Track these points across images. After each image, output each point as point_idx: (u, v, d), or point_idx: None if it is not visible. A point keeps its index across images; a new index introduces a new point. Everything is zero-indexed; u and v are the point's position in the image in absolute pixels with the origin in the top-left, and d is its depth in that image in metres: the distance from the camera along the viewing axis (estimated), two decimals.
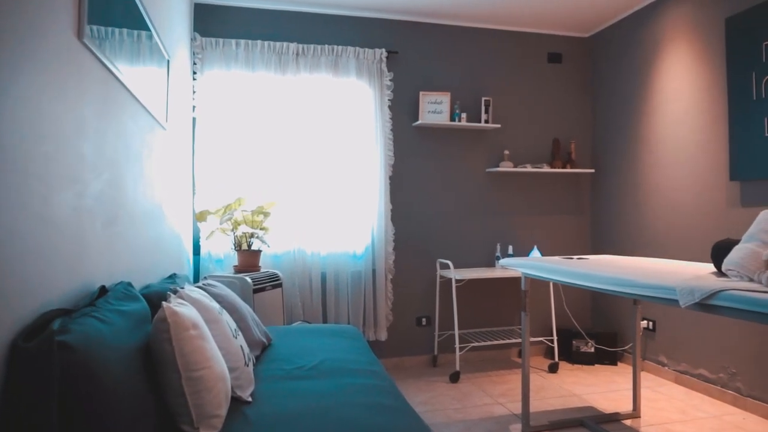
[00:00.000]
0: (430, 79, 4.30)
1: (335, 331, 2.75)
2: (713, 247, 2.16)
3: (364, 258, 4.05)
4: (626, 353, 4.24)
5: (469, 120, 4.33)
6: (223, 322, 1.71)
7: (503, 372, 4.04)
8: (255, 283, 3.19)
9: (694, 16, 3.59)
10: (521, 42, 4.52)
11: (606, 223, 4.49)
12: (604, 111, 4.53)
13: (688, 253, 3.64)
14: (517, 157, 4.50)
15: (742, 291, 1.67)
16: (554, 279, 2.61)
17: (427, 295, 4.28)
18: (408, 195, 4.24)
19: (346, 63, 4.03)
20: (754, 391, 3.17)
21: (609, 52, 4.44)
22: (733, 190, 3.32)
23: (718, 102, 3.41)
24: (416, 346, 4.24)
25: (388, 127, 4.12)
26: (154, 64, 2.45)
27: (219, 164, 3.78)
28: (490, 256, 4.42)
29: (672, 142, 3.79)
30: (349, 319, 3.99)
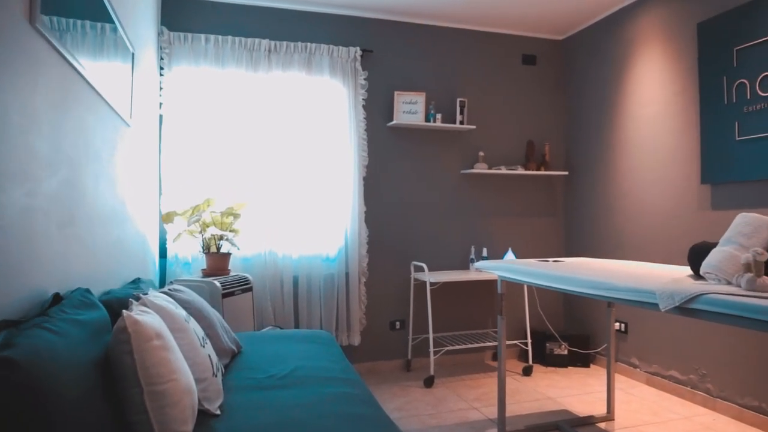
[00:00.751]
0: (405, 79, 4.24)
1: (308, 337, 2.66)
2: (690, 250, 2.15)
3: (337, 261, 3.96)
4: (599, 355, 4.26)
5: (444, 121, 4.29)
6: (190, 330, 1.61)
7: (477, 376, 4.00)
8: (224, 288, 3.08)
9: (666, 20, 3.63)
10: (496, 43, 4.51)
11: (579, 225, 4.51)
12: (577, 114, 4.55)
13: (660, 255, 3.67)
14: (491, 159, 4.48)
15: (722, 295, 1.65)
16: (532, 282, 2.58)
17: (401, 299, 4.22)
18: (382, 196, 4.18)
19: (320, 61, 3.94)
20: (724, 392, 3.21)
21: (583, 55, 4.46)
22: (704, 194, 3.35)
23: (690, 106, 3.44)
24: (390, 350, 4.17)
25: (362, 127, 4.05)
26: (118, 58, 2.32)
27: (187, 164, 3.64)
28: (465, 259, 4.38)
29: (644, 145, 3.82)
30: (321, 324, 3.90)
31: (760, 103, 2.97)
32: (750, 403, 3.06)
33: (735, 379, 3.15)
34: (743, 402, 3.10)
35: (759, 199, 3.01)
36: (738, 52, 3.09)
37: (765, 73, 2.93)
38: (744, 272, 1.79)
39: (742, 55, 3.06)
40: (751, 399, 3.05)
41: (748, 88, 3.02)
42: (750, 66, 3.02)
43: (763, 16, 2.94)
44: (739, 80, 3.08)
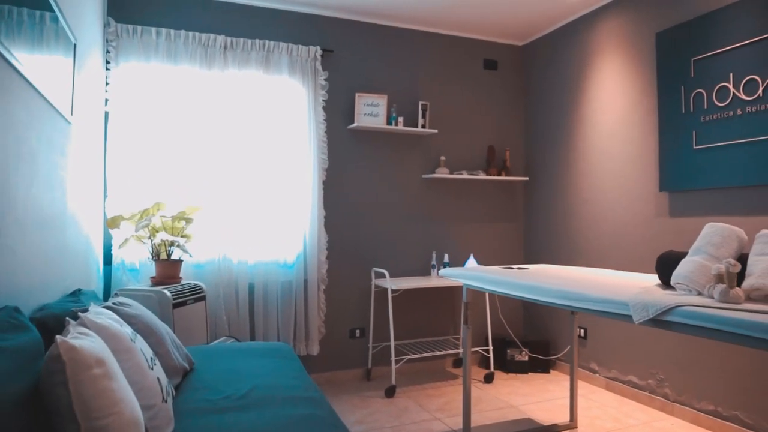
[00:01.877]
0: (367, 81, 4.14)
1: (266, 350, 2.51)
2: (658, 259, 2.14)
3: (296, 267, 3.81)
4: (559, 361, 4.27)
5: (406, 124, 4.22)
6: (136, 350, 1.45)
7: (439, 384, 3.93)
8: (175, 297, 2.89)
9: (625, 29, 3.67)
10: (458, 47, 4.47)
11: (539, 231, 4.52)
12: (537, 119, 4.56)
13: (619, 262, 3.70)
14: (453, 164, 4.43)
15: (697, 307, 1.62)
16: (500, 292, 2.52)
17: (362, 306, 4.11)
18: (343, 201, 4.05)
19: (278, 60, 3.79)
20: (681, 397, 3.25)
21: (543, 61, 4.48)
22: (662, 201, 3.40)
23: (649, 114, 3.49)
24: (350, 359, 4.05)
25: (322, 129, 3.92)
26: (59, 50, 2.12)
27: (135, 165, 3.41)
28: (426, 264, 4.32)
29: (604, 152, 3.85)
30: (278, 333, 3.74)
31: (716, 113, 3.02)
32: (706, 408, 3.11)
33: (692, 384, 3.19)
34: (700, 406, 3.14)
35: (716, 206, 3.06)
36: (695, 63, 3.14)
37: (721, 83, 2.99)
38: (716, 283, 1.77)
39: (700, 65, 3.11)
40: (707, 403, 3.10)
41: (706, 98, 3.08)
42: (707, 77, 3.07)
43: (720, 29, 3.00)
44: (697, 90, 3.13)
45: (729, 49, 2.95)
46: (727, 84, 2.95)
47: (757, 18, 2.81)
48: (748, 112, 2.86)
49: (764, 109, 2.78)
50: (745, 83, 2.87)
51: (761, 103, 2.80)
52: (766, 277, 1.69)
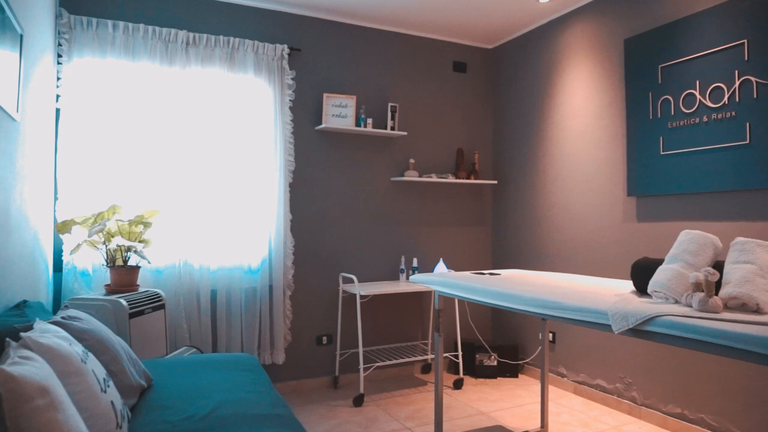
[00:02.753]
0: (335, 81, 4.04)
1: (230, 362, 2.38)
2: (633, 266, 2.12)
3: (260, 272, 3.68)
4: (527, 365, 4.26)
5: (375, 126, 4.14)
6: (87, 372, 1.32)
7: (408, 391, 3.86)
8: (132, 306, 2.72)
9: (594, 34, 3.69)
10: (428, 49, 4.42)
11: (507, 235, 4.51)
12: (506, 123, 4.55)
13: (587, 266, 3.72)
14: (422, 167, 4.38)
15: (678, 317, 1.60)
16: (473, 299, 2.46)
17: (329, 312, 4.00)
18: (310, 204, 3.94)
19: (243, 57, 3.65)
20: (648, 400, 3.28)
21: (512, 65, 4.47)
22: (630, 206, 3.42)
23: (618, 119, 3.51)
24: (316, 367, 3.94)
25: (288, 129, 3.79)
26: (3, 40, 1.95)
27: (89, 166, 3.22)
28: (395, 269, 4.24)
29: (572, 156, 3.86)
30: (242, 342, 3.60)
31: (683, 119, 3.05)
32: (673, 411, 3.13)
33: (658, 387, 3.22)
34: (667, 409, 3.17)
35: (682, 212, 3.09)
36: (663, 69, 3.17)
37: (688, 91, 3.02)
38: (693, 291, 1.76)
39: (667, 72, 3.15)
40: (674, 406, 3.13)
41: (673, 105, 3.11)
42: (674, 83, 3.10)
43: (686, 37, 3.03)
44: (664, 96, 3.16)
45: (695, 57, 2.98)
46: (694, 91, 2.99)
47: (723, 27, 2.85)
48: (713, 119, 2.90)
49: (729, 116, 2.82)
50: (711, 91, 2.91)
51: (726, 111, 2.84)
52: (743, 285, 1.68)
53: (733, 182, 2.81)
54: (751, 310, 1.68)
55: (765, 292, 1.66)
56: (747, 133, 2.74)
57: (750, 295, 1.65)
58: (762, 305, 1.65)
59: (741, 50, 2.77)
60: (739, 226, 2.82)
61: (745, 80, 2.75)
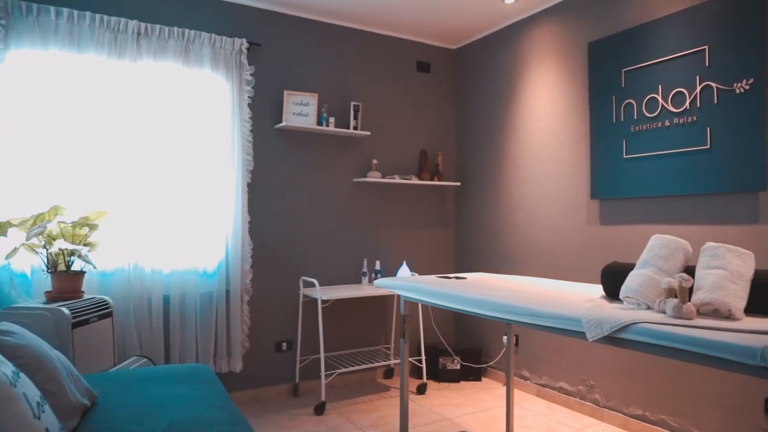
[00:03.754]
0: (296, 78, 3.91)
1: (183, 375, 2.23)
2: (603, 271, 2.09)
3: (217, 276, 3.51)
4: (490, 368, 4.23)
5: (338, 125, 4.02)
6: (18, 398, 1.16)
7: (370, 397, 3.77)
8: (75, 315, 2.52)
9: (559, 37, 3.69)
10: (391, 47, 4.34)
11: (471, 238, 4.48)
12: (470, 124, 4.52)
13: (551, 269, 3.71)
14: (385, 167, 4.29)
15: (654, 324, 1.56)
16: (442, 305, 2.39)
17: (289, 317, 3.86)
18: (269, 205, 3.79)
19: (200, 51, 3.47)
20: (611, 402, 3.29)
21: (476, 66, 4.44)
22: (593, 209, 3.43)
23: (581, 122, 3.52)
24: (275, 374, 3.79)
25: (247, 127, 3.64)
26: None
27: (29, 164, 2.98)
28: (357, 272, 4.14)
29: (536, 159, 3.86)
30: (197, 350, 3.42)
31: (646, 123, 3.08)
32: (634, 412, 3.15)
33: (620, 389, 3.23)
34: (628, 411, 3.19)
35: (645, 215, 3.12)
36: (626, 74, 3.19)
37: (651, 95, 3.04)
38: (666, 297, 1.73)
39: (630, 76, 3.16)
40: (636, 408, 3.15)
41: (636, 109, 3.13)
42: (637, 87, 3.12)
43: (649, 42, 3.06)
44: (627, 100, 3.18)
45: (658, 62, 3.01)
46: (656, 96, 3.01)
47: (684, 33, 2.88)
48: (675, 124, 2.93)
49: (691, 121, 2.85)
50: (673, 95, 2.94)
51: (688, 116, 2.87)
52: (715, 291, 1.66)
53: (694, 186, 2.84)
54: (722, 316, 1.66)
55: (737, 298, 1.65)
56: (708, 138, 2.77)
57: (722, 301, 1.64)
58: (734, 311, 1.63)
59: (702, 56, 2.80)
60: (700, 230, 2.85)
61: (706, 86, 2.79)
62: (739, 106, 2.66)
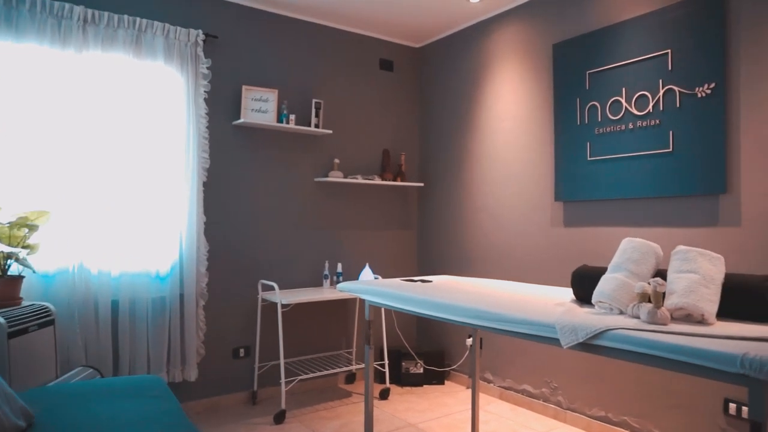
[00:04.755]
0: (256, 73, 3.75)
1: (133, 388, 2.07)
2: (574, 275, 2.06)
3: (170, 279, 3.32)
4: (453, 371, 4.19)
5: (299, 123, 3.89)
6: None
7: (332, 404, 3.66)
8: (12, 324, 2.31)
9: (523, 38, 3.68)
10: (354, 44, 4.24)
11: (433, 239, 4.43)
12: (433, 124, 4.47)
13: (515, 272, 3.70)
14: (347, 167, 4.19)
15: (630, 330, 1.52)
16: (409, 310, 2.30)
17: (247, 322, 3.70)
18: (226, 205, 3.63)
19: (152, 41, 3.28)
20: (574, 404, 3.29)
21: (439, 65, 4.40)
22: (557, 211, 3.43)
23: (546, 124, 3.51)
24: (233, 382, 3.63)
25: (203, 123, 3.46)
26: None
27: None
28: (318, 275, 4.02)
29: (500, 160, 3.84)
30: (149, 359, 3.23)
31: (609, 126, 3.09)
32: (597, 414, 3.17)
33: (584, 391, 3.24)
34: (591, 413, 3.20)
35: (609, 217, 3.13)
36: (590, 76, 3.19)
37: (614, 98, 3.06)
38: (639, 301, 1.70)
39: (594, 78, 3.17)
40: (599, 409, 3.16)
41: (600, 111, 3.14)
42: (601, 90, 3.13)
43: (613, 44, 3.07)
44: (591, 102, 3.18)
45: (622, 64, 3.02)
46: (620, 98, 3.03)
47: (648, 37, 2.90)
48: (639, 127, 2.95)
49: (654, 124, 2.88)
50: (636, 99, 2.95)
51: (651, 119, 2.89)
52: (688, 295, 1.64)
53: (657, 189, 2.86)
54: (695, 321, 1.65)
55: (709, 303, 1.63)
56: (670, 141, 2.80)
57: (696, 306, 1.62)
58: (707, 316, 1.61)
59: (665, 60, 2.83)
60: (662, 233, 2.88)
61: (669, 89, 2.81)
62: (700, 110, 2.69)
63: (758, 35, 2.52)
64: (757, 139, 2.53)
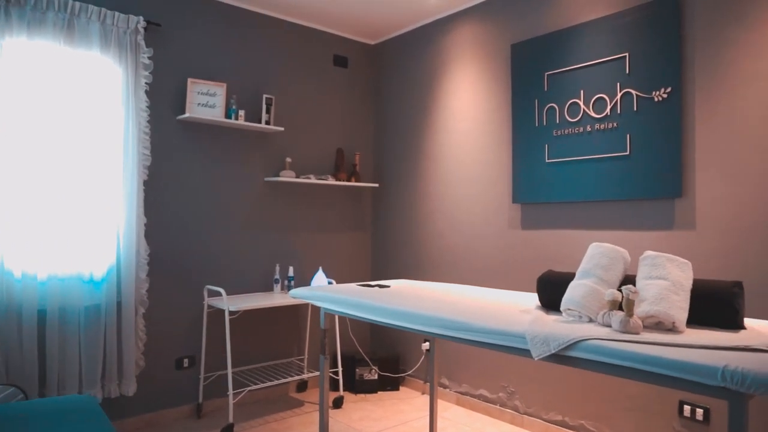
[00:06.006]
0: (202, 65, 3.53)
1: (60, 412, 1.85)
2: (539, 280, 1.99)
3: (106, 285, 3.06)
4: (408, 377, 4.09)
5: (248, 119, 3.69)
6: None
7: (283, 414, 3.48)
8: None
9: (481, 38, 3.62)
10: (307, 39, 4.07)
11: (389, 241, 4.32)
12: (389, 123, 4.36)
13: (471, 274, 3.64)
14: (299, 167, 4.01)
15: (605, 341, 1.46)
16: (367, 318, 2.18)
17: (191, 331, 3.47)
18: (169, 205, 3.39)
19: (86, 27, 3.01)
20: (531, 409, 3.26)
21: (395, 63, 4.29)
22: (515, 213, 3.39)
23: (504, 125, 3.46)
24: (176, 394, 3.40)
25: (143, 117, 3.21)
26: None
27: None
28: (268, 279, 3.83)
29: (457, 161, 3.77)
30: (81, 375, 2.95)
31: (568, 128, 3.07)
32: (554, 418, 3.14)
33: (540, 395, 3.21)
34: (548, 417, 3.17)
35: (566, 220, 3.11)
36: (549, 77, 3.17)
37: (573, 100, 3.04)
38: (609, 309, 1.64)
39: (552, 80, 3.15)
40: (555, 414, 3.14)
41: (558, 113, 3.11)
42: (559, 92, 3.11)
43: (571, 46, 3.05)
44: (550, 104, 3.16)
45: (580, 67, 3.00)
46: (578, 101, 3.01)
47: (606, 40, 2.90)
48: (597, 130, 2.94)
49: (611, 127, 2.87)
50: (594, 101, 2.94)
51: (609, 122, 2.88)
52: (659, 303, 1.60)
53: (614, 192, 2.86)
54: (666, 329, 1.60)
55: (680, 310, 1.59)
56: (628, 144, 2.80)
57: (667, 314, 1.57)
58: (677, 324, 1.57)
59: (623, 63, 2.83)
60: (620, 236, 2.87)
61: (626, 93, 2.81)
62: (657, 115, 2.70)
63: (714, 41, 2.54)
64: (711, 143, 2.55)
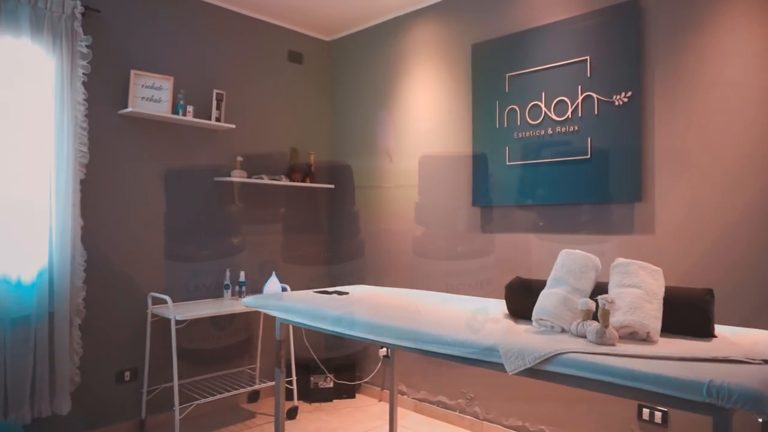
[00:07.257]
0: (147, 56, 3.29)
1: None
2: (508, 288, 1.92)
3: (37, 293, 2.79)
4: (364, 384, 3.98)
5: (197, 115, 3.48)
6: None
7: (234, 428, 3.30)
8: None
9: (441, 37, 3.55)
10: (261, 33, 3.89)
11: (345, 245, 4.18)
12: (345, 123, 4.23)
13: (428, 278, 3.55)
14: (251, 166, 3.82)
15: (583, 354, 1.39)
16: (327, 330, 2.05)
17: (134, 342, 3.23)
18: (110, 206, 3.14)
19: (15, 12, 2.73)
20: (490, 415, 3.21)
21: (352, 61, 4.17)
22: (474, 216, 3.33)
23: (464, 126, 3.40)
24: (116, 411, 3.15)
25: (80, 111, 2.95)
26: None
27: None
28: (218, 285, 3.62)
29: (416, 162, 3.68)
30: (6, 394, 2.67)
31: (529, 130, 3.03)
32: (514, 424, 3.10)
33: (500, 401, 3.17)
34: (508, 423, 3.13)
35: (526, 224, 3.07)
36: (510, 79, 3.12)
37: (534, 102, 3.01)
38: (583, 319, 1.58)
39: (514, 82, 3.11)
40: (516, 419, 3.10)
41: (519, 115, 3.08)
42: (520, 93, 3.07)
43: (533, 48, 3.02)
44: (511, 106, 3.12)
45: (542, 69, 2.98)
46: (540, 103, 2.98)
47: (568, 42, 2.88)
48: (558, 132, 2.91)
49: (572, 130, 2.85)
50: (555, 104, 2.92)
51: (570, 125, 2.87)
52: (633, 312, 1.55)
53: (575, 196, 2.84)
54: (640, 339, 1.56)
55: (654, 319, 1.55)
56: (588, 148, 2.78)
57: (641, 324, 1.53)
58: (652, 333, 1.53)
59: (584, 66, 2.81)
60: (581, 239, 2.86)
61: (588, 96, 2.80)
62: (618, 118, 2.70)
63: (674, 47, 2.56)
64: (670, 148, 2.57)
